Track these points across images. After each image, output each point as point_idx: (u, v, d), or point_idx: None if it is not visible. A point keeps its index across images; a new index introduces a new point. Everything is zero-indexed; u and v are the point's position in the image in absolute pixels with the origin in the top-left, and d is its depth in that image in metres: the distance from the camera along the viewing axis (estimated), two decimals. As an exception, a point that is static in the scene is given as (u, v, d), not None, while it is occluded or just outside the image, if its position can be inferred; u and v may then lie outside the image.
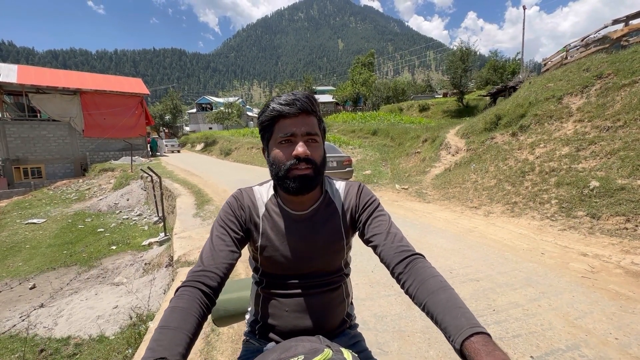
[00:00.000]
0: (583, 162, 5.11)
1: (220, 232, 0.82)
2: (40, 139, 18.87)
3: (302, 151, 0.78)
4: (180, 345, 0.58)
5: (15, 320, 4.58)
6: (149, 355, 0.55)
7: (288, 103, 0.78)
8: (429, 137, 11.17)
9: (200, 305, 0.69)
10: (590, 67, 7.52)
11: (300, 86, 40.58)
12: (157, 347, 0.56)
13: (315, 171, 0.81)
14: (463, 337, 0.56)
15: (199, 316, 0.67)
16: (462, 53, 25.87)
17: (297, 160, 0.78)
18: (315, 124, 0.83)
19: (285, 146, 0.80)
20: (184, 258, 3.93)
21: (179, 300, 0.68)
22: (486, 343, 0.54)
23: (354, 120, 22.28)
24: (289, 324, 0.85)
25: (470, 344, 0.55)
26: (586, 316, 2.30)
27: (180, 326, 0.62)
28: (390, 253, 0.78)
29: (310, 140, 0.81)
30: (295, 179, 0.79)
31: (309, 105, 0.80)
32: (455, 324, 0.59)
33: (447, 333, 0.60)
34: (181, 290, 0.71)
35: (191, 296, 0.69)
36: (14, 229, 9.79)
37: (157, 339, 0.58)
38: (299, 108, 0.78)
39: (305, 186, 0.80)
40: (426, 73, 53.67)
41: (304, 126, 0.79)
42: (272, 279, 0.88)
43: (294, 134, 0.79)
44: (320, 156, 0.83)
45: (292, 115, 0.79)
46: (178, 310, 0.65)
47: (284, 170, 0.80)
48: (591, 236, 3.82)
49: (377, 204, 0.90)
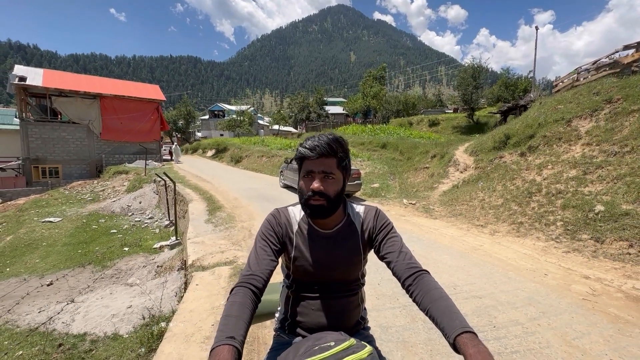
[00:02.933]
0: (589, 186, 5.19)
1: (262, 244, 1.03)
2: (60, 140, 19.59)
3: (316, 187, 0.98)
4: (241, 329, 0.77)
5: (34, 314, 4.81)
6: (221, 335, 0.73)
7: (310, 148, 0.98)
8: (438, 153, 11.27)
9: (251, 301, 0.88)
10: (600, 90, 7.61)
11: (311, 97, 41.14)
12: (225, 329, 0.75)
13: (329, 203, 0.99)
14: (456, 334, 0.74)
15: (251, 309, 0.86)
16: (474, 70, 26.04)
17: (313, 192, 0.98)
18: (333, 164, 1.00)
19: (307, 180, 1.01)
20: (198, 263, 4.11)
21: (236, 297, 0.87)
22: (473, 339, 0.72)
23: (363, 132, 22.48)
24: (314, 321, 1.04)
25: (461, 339, 0.72)
26: (584, 337, 2.39)
27: (240, 315, 0.81)
28: (402, 269, 0.97)
29: (326, 177, 0.99)
30: (311, 207, 1.00)
31: (327, 149, 0.98)
32: (450, 325, 0.77)
33: (444, 331, 0.78)
34: (236, 289, 0.90)
35: (245, 293, 0.88)
36: (31, 226, 10.15)
37: (225, 324, 0.77)
38: (318, 153, 0.98)
39: (318, 214, 1.00)
40: (437, 88, 54.14)
41: (321, 166, 0.98)
42: (301, 284, 1.08)
43: (313, 171, 0.99)
44: (334, 190, 1.00)
45: (312, 158, 0.98)
46: (237, 304, 0.84)
47: (304, 199, 1.01)
48: (594, 259, 3.88)
49: (391, 226, 1.09)
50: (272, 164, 16.58)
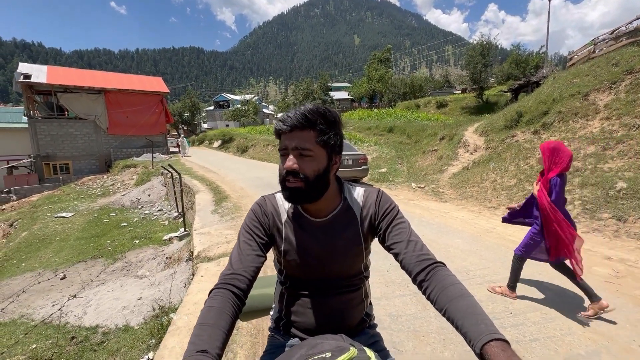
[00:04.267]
0: (610, 162, 4.92)
1: (246, 238, 0.88)
2: (68, 137, 19.79)
3: (289, 165, 0.82)
4: (217, 340, 0.65)
5: (48, 308, 4.89)
6: (192, 348, 0.61)
7: (282, 120, 0.83)
8: (447, 135, 10.96)
9: (232, 305, 0.75)
10: (619, 61, 7.17)
11: (316, 83, 40.52)
12: (198, 341, 0.63)
13: (307, 185, 0.82)
14: (483, 342, 0.60)
15: (232, 315, 0.73)
16: (483, 47, 25.10)
17: (287, 172, 0.83)
18: (310, 138, 0.82)
19: (283, 158, 0.86)
20: (204, 254, 4.06)
21: (213, 301, 0.74)
22: (505, 349, 0.58)
23: (369, 117, 22.08)
24: (311, 321, 0.90)
25: (490, 349, 0.58)
26: (609, 322, 2.24)
27: (217, 323, 0.68)
28: (412, 261, 0.81)
29: (301, 154, 0.82)
30: (287, 190, 0.84)
31: (301, 121, 0.81)
32: (475, 330, 0.63)
33: (468, 338, 0.64)
34: (214, 292, 0.77)
35: (224, 297, 0.75)
36: (45, 222, 10.35)
37: (197, 335, 0.65)
38: (289, 125, 0.81)
39: (296, 198, 0.84)
40: (444, 68, 52.26)
41: (293, 141, 0.82)
42: (295, 280, 0.94)
43: (286, 147, 0.83)
44: (313, 170, 0.83)
45: (285, 131, 0.83)
46: (214, 309, 0.72)
47: (279, 180, 0.87)
48: (616, 239, 3.69)
49: (396, 211, 0.92)
50: (278, 152, 16.46)
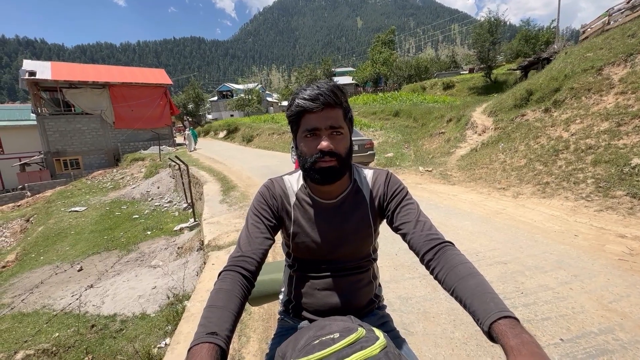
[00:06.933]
0: (624, 138, 4.76)
1: (254, 220, 0.88)
2: (76, 132, 20.01)
3: (325, 145, 0.79)
4: (227, 322, 0.65)
5: (68, 298, 5.07)
6: (202, 331, 0.61)
7: (312, 98, 0.79)
8: (454, 117, 10.75)
9: (241, 287, 0.75)
10: (636, 32, 6.86)
11: (319, 69, 39.85)
12: (207, 324, 0.63)
13: (340, 163, 0.82)
14: (491, 320, 0.58)
15: (241, 297, 0.73)
16: (490, 24, 24.19)
17: (322, 153, 0.80)
18: (340, 116, 0.83)
19: (311, 139, 0.82)
20: (214, 242, 4.12)
21: (222, 283, 0.74)
22: (514, 326, 0.56)
23: (374, 101, 21.72)
24: (320, 302, 0.91)
25: (498, 327, 0.57)
26: (622, 300, 2.22)
27: (226, 305, 0.68)
28: (420, 241, 0.80)
29: (334, 132, 0.81)
30: (320, 171, 0.82)
31: (333, 98, 0.80)
32: (484, 308, 0.61)
33: (476, 316, 0.62)
34: (224, 274, 0.77)
35: (233, 279, 0.75)
36: (59, 216, 10.62)
37: (207, 317, 0.65)
38: (322, 103, 0.79)
39: (330, 177, 0.83)
40: (450, 48, 50.69)
41: (328, 120, 0.80)
42: (304, 263, 0.94)
43: (318, 128, 0.80)
44: (345, 148, 0.84)
45: (316, 110, 0.80)
46: (223, 291, 0.71)
47: (310, 162, 0.82)
48: (631, 217, 3.61)
49: (405, 192, 0.91)
50: (283, 140, 16.44)
